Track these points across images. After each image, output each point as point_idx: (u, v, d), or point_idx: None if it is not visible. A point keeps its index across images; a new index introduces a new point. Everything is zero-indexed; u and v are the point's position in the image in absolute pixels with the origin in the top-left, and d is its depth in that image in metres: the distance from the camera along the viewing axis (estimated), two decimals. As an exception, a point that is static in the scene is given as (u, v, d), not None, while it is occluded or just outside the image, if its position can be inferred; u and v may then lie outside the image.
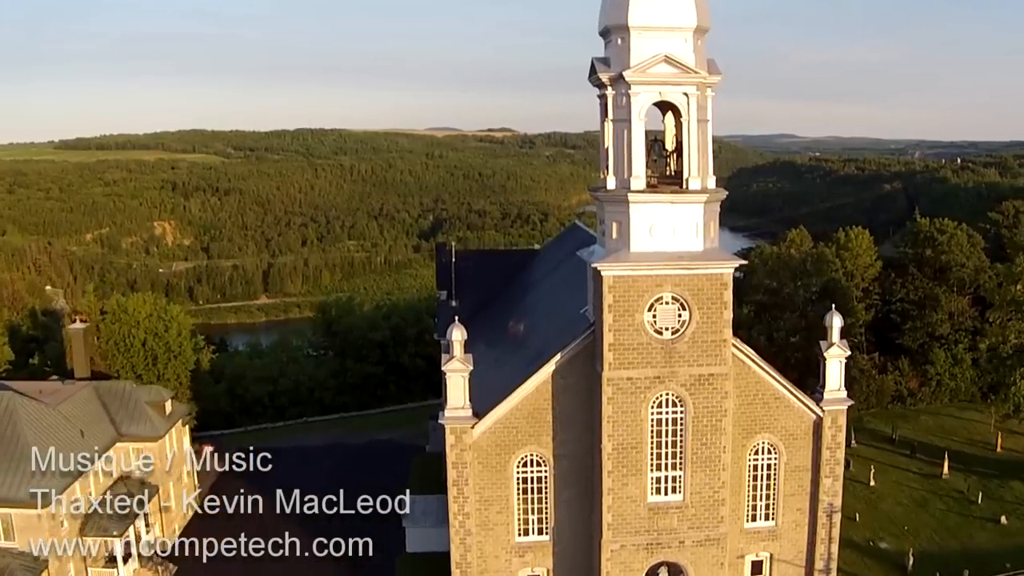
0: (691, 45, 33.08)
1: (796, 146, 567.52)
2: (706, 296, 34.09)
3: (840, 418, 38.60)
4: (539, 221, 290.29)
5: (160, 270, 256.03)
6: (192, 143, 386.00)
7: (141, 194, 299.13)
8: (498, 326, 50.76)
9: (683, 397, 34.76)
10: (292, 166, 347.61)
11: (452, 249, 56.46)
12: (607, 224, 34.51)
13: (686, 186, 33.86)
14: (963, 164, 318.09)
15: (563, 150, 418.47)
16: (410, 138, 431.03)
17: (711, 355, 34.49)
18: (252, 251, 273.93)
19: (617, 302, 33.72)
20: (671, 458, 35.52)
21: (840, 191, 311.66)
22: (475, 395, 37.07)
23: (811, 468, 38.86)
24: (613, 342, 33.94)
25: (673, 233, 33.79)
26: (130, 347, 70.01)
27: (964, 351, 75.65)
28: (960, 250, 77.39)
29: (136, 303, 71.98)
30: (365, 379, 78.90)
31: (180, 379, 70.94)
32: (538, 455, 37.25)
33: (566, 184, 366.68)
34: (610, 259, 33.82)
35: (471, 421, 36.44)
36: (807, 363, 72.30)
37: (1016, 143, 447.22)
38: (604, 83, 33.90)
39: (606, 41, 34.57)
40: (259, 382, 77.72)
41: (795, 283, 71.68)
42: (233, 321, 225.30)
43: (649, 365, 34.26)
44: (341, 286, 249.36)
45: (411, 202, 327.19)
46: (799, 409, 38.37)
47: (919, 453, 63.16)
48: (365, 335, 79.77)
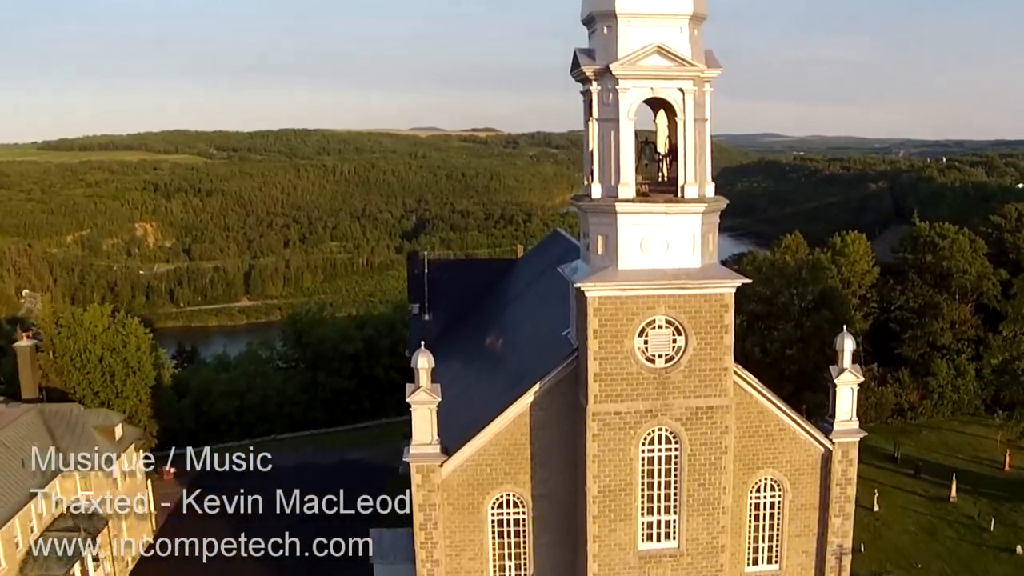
0: (687, 34, 28.93)
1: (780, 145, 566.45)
2: (704, 319, 29.99)
3: (852, 451, 34.65)
4: (523, 222, 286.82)
5: (141, 272, 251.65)
6: (175, 143, 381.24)
7: (123, 195, 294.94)
8: (475, 344, 46.84)
9: (678, 433, 30.70)
10: (275, 166, 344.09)
11: (425, 258, 52.50)
12: (592, 238, 30.33)
13: (682, 194, 29.67)
14: (949, 163, 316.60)
15: (547, 150, 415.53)
16: (393, 138, 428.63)
17: (710, 385, 30.42)
18: (234, 252, 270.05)
19: (603, 327, 29.59)
20: (664, 500, 31.41)
21: (826, 191, 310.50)
22: (449, 424, 33.06)
23: (819, 506, 34.86)
24: (599, 372, 29.83)
25: (667, 248, 29.62)
26: (86, 363, 65.95)
27: (967, 362, 72.59)
28: (962, 256, 74.18)
29: (92, 315, 67.71)
30: (337, 393, 74.75)
31: (140, 396, 66.89)
32: (515, 495, 33.17)
33: (550, 184, 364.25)
34: (595, 278, 29.67)
35: (440, 459, 32.33)
36: (803, 376, 68.99)
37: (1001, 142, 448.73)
38: (588, 78, 29.74)
39: (590, 30, 30.39)
40: (225, 397, 73.52)
41: (790, 291, 68.05)
42: (214, 324, 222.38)
43: (640, 397, 30.15)
44: (323, 288, 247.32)
45: (394, 202, 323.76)
46: (806, 441, 34.39)
47: (924, 473, 60.00)
48: (337, 347, 75.60)
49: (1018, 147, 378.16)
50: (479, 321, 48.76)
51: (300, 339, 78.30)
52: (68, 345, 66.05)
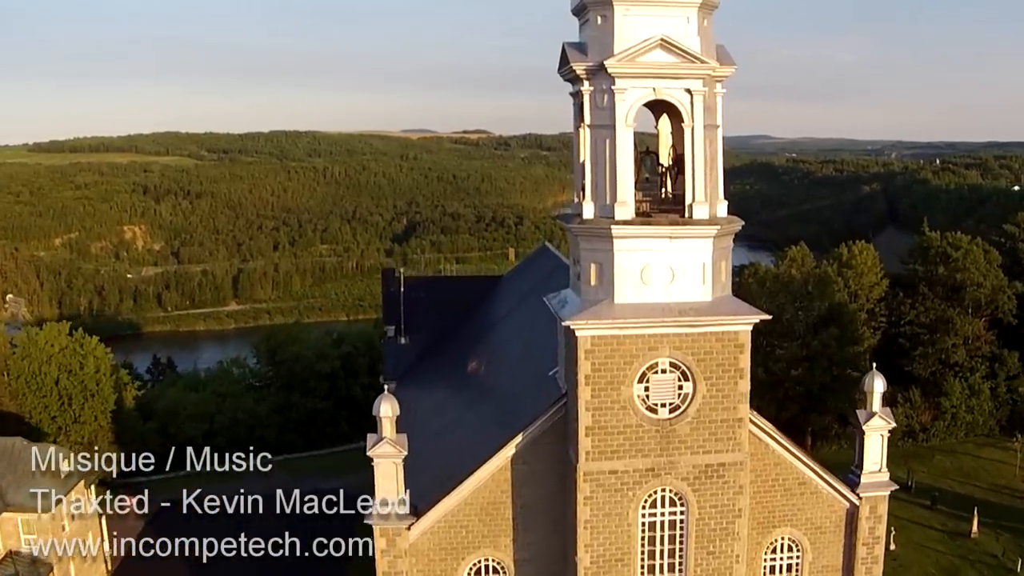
0: (695, 25, 24.36)
1: (772, 147, 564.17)
2: (716, 362, 25.49)
3: (881, 506, 30.22)
4: (514, 224, 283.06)
5: (128, 275, 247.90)
6: (166, 145, 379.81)
7: (112, 198, 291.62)
8: (455, 373, 42.39)
9: (684, 494, 26.18)
10: (265, 168, 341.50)
11: (401, 276, 47.81)
12: (583, 265, 25.74)
13: (690, 215, 25.11)
14: (943, 165, 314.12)
15: (538, 152, 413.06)
16: (384, 140, 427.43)
17: (721, 439, 25.92)
18: (223, 255, 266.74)
19: (597, 371, 25.03)
20: (668, 572, 26.89)
21: (819, 193, 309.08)
22: (424, 468, 28.91)
23: (842, 568, 30.44)
24: (591, 424, 25.29)
25: (672, 278, 25.08)
26: (42, 386, 61.59)
27: (981, 380, 68.31)
28: (976, 267, 69.76)
29: (48, 334, 63.29)
30: (312, 415, 70.09)
31: (99, 421, 62.36)
32: (496, 561, 28.65)
33: (541, 186, 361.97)
34: (587, 314, 25.07)
35: (407, 520, 27.82)
36: (808, 397, 64.56)
37: (994, 144, 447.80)
38: (579, 76, 25.13)
39: (582, 21, 25.76)
40: (193, 420, 68.77)
41: (796, 307, 63.54)
42: (202, 328, 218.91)
43: (640, 454, 25.63)
44: (311, 291, 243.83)
45: (384, 205, 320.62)
46: (829, 496, 29.91)
47: (940, 503, 56.04)
48: (312, 365, 70.89)
49: (1011, 148, 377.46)
50: (460, 347, 44.26)
51: (274, 356, 73.55)
52: (23, 367, 61.76)
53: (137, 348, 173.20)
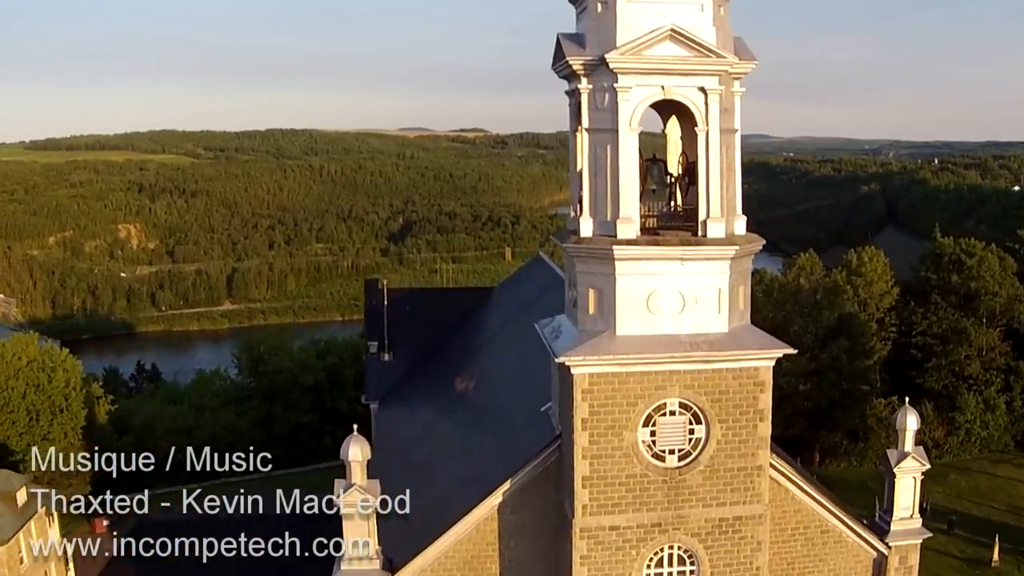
0: (710, 14, 20.95)
1: (770, 146, 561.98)
2: (732, 402, 22.13)
3: (912, 556, 27.06)
4: (510, 223, 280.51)
5: (122, 275, 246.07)
6: (162, 143, 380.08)
7: (107, 196, 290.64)
8: (442, 395, 39.10)
9: (695, 552, 22.86)
10: (261, 167, 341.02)
11: (384, 288, 44.50)
12: (580, 291, 22.34)
13: (704, 232, 21.68)
14: (942, 165, 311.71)
15: (535, 151, 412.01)
16: (381, 138, 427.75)
17: (738, 490, 22.60)
18: (218, 254, 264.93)
19: (596, 414, 21.69)
20: (677, 637, 23.68)
21: (817, 192, 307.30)
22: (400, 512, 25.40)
23: (869, 624, 27.26)
24: (589, 474, 21.96)
25: (683, 307, 21.67)
26: (9, 401, 58.19)
27: (996, 394, 65.32)
28: (991, 276, 66.75)
29: (15, 346, 59.91)
30: (296, 429, 66.81)
31: (70, 438, 59.08)
32: (480, 621, 25.39)
33: (538, 185, 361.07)
34: (585, 348, 21.64)
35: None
36: (817, 413, 61.49)
37: (992, 143, 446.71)
38: (576, 72, 21.67)
39: (579, 9, 22.30)
40: (171, 434, 65.40)
41: (804, 318, 60.44)
42: (196, 328, 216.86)
43: (645, 507, 22.31)
44: (307, 291, 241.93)
45: (381, 203, 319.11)
46: (854, 545, 26.68)
47: (957, 528, 52.97)
48: (295, 378, 67.61)
49: (1009, 148, 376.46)
50: (447, 366, 40.96)
51: (255, 367, 70.26)
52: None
53: (130, 348, 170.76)
